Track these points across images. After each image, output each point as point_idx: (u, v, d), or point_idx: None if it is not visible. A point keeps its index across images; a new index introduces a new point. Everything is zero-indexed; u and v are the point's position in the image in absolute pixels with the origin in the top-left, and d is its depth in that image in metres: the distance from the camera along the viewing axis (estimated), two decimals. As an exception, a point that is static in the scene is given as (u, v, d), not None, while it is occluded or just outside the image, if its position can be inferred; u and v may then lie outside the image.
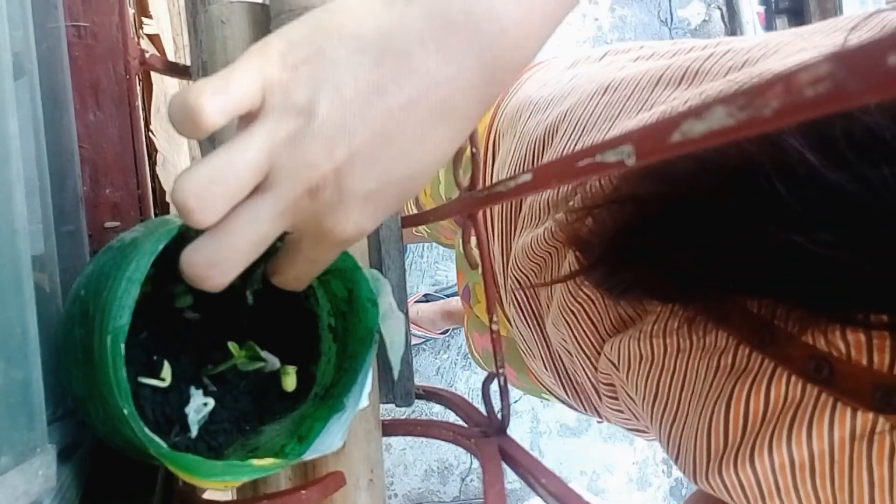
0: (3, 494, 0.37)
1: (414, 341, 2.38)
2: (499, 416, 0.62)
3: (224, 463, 0.46)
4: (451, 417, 0.71)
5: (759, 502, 0.51)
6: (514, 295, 0.85)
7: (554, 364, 0.86)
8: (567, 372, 0.85)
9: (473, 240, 0.63)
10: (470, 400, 0.72)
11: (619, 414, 0.76)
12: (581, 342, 0.72)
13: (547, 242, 0.73)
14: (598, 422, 1.27)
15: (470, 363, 2.46)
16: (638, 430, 0.81)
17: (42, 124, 0.49)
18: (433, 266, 2.49)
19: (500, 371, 0.59)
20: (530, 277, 0.81)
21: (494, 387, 0.62)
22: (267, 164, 0.40)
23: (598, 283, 0.62)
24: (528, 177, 0.41)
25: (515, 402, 2.48)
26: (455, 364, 2.48)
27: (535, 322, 0.85)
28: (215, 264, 0.40)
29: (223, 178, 0.39)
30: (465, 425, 0.67)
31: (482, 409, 0.66)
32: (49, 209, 0.49)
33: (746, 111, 0.22)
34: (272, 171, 0.40)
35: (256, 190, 0.41)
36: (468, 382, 2.47)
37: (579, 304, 0.70)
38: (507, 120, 0.92)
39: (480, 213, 0.61)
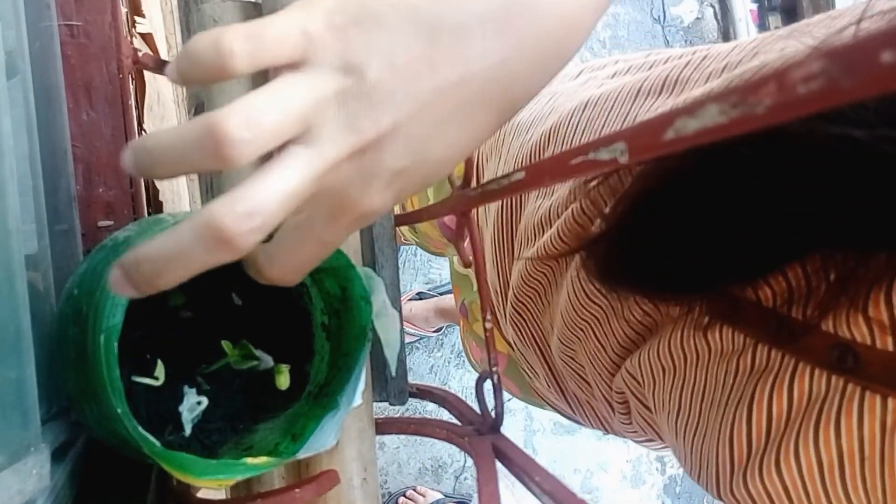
0: (-3, 494, 0.37)
1: (407, 339, 2.38)
2: (492, 414, 0.62)
3: (218, 462, 0.46)
4: (445, 416, 0.71)
5: None
6: (514, 319, 0.85)
7: (558, 384, 0.86)
8: (573, 394, 0.84)
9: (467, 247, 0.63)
10: (464, 398, 0.72)
11: (629, 427, 0.75)
12: (592, 360, 0.71)
13: (543, 259, 0.73)
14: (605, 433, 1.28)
15: (463, 362, 2.46)
16: (650, 441, 0.81)
17: (35, 123, 0.49)
18: (427, 264, 2.49)
19: (494, 369, 0.59)
20: (530, 300, 0.80)
21: (488, 385, 0.62)
22: (311, 117, 0.38)
23: (601, 280, 0.62)
24: (521, 174, 0.41)
25: (509, 400, 2.48)
26: (448, 362, 2.48)
27: (536, 345, 0.85)
28: (250, 216, 0.36)
29: (276, 113, 0.36)
30: (459, 423, 0.67)
31: (476, 407, 0.66)
32: (42, 208, 0.49)
33: (739, 108, 0.22)
34: (315, 127, 0.38)
35: (291, 144, 0.38)
36: (462, 381, 2.48)
37: (585, 322, 0.69)
38: (490, 143, 0.93)
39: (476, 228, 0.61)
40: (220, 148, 0.35)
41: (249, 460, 0.48)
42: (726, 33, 2.81)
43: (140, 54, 0.66)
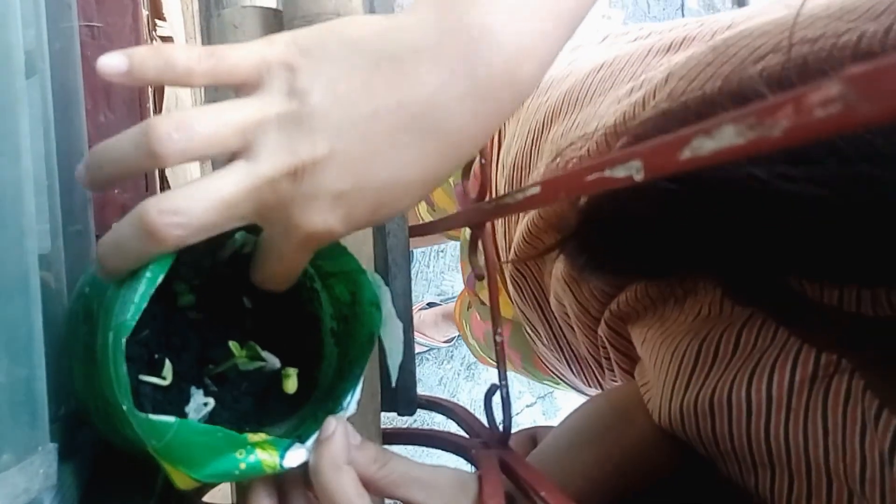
0: (4, 492, 0.37)
1: (417, 350, 2.38)
2: (500, 427, 0.61)
3: (222, 434, 0.46)
4: (453, 428, 0.71)
5: (711, 442, 0.52)
6: (515, 277, 0.87)
7: (557, 341, 0.88)
8: (570, 347, 0.86)
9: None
10: (472, 411, 0.72)
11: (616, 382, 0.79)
12: (579, 321, 0.74)
13: (536, 225, 0.75)
14: None
15: (473, 374, 2.46)
16: None
17: (52, 123, 0.50)
18: (439, 276, 2.49)
19: (503, 383, 0.59)
20: (528, 258, 0.83)
21: (497, 398, 0.61)
22: (251, 134, 0.41)
23: (573, 260, 0.64)
24: (536, 189, 0.41)
25: (517, 414, 2.47)
26: (458, 375, 2.48)
27: (536, 302, 0.87)
28: (176, 212, 0.40)
29: (209, 122, 0.40)
30: (467, 436, 0.67)
31: (484, 420, 0.66)
32: (57, 208, 0.49)
33: (756, 130, 0.22)
34: (254, 145, 0.41)
35: (236, 158, 0.42)
36: (471, 393, 2.47)
37: (568, 285, 0.73)
38: None
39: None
40: (151, 145, 0.39)
41: (251, 436, 0.48)
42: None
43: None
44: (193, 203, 0.40)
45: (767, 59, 0.46)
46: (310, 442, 0.50)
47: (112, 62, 0.39)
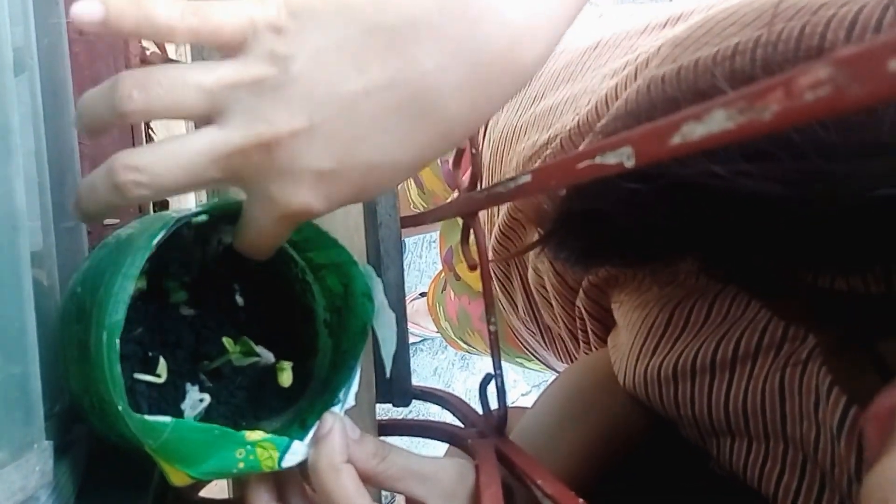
0: (0, 490, 0.37)
1: (411, 340, 2.38)
2: (495, 416, 0.62)
3: (219, 432, 0.46)
4: (448, 418, 0.71)
5: (673, 406, 0.53)
6: (497, 250, 0.88)
7: (534, 313, 0.89)
8: (544, 320, 0.88)
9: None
10: (467, 401, 0.72)
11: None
12: (556, 292, 0.76)
13: (517, 209, 0.77)
14: None
15: (467, 364, 2.46)
16: None
17: (42, 120, 0.49)
18: (432, 266, 2.49)
19: (498, 372, 0.59)
20: (513, 232, 0.84)
21: (492, 387, 0.62)
22: (223, 98, 0.39)
23: (554, 255, 0.64)
24: (527, 178, 0.41)
25: (513, 403, 2.47)
26: (453, 364, 2.48)
27: (518, 274, 0.88)
28: (138, 168, 0.39)
29: (171, 83, 0.38)
30: (462, 426, 0.67)
31: (479, 410, 0.66)
32: (49, 205, 0.49)
33: (746, 114, 0.22)
34: (227, 110, 0.39)
35: (208, 122, 0.40)
36: (465, 383, 2.47)
37: (546, 257, 0.74)
38: None
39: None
40: (114, 102, 0.38)
41: (249, 434, 0.48)
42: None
43: (148, 53, 0.67)
44: (158, 163, 0.39)
45: (756, 24, 0.46)
46: (308, 439, 0.50)
47: (88, 9, 0.37)
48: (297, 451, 0.49)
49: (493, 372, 0.60)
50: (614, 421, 0.61)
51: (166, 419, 0.44)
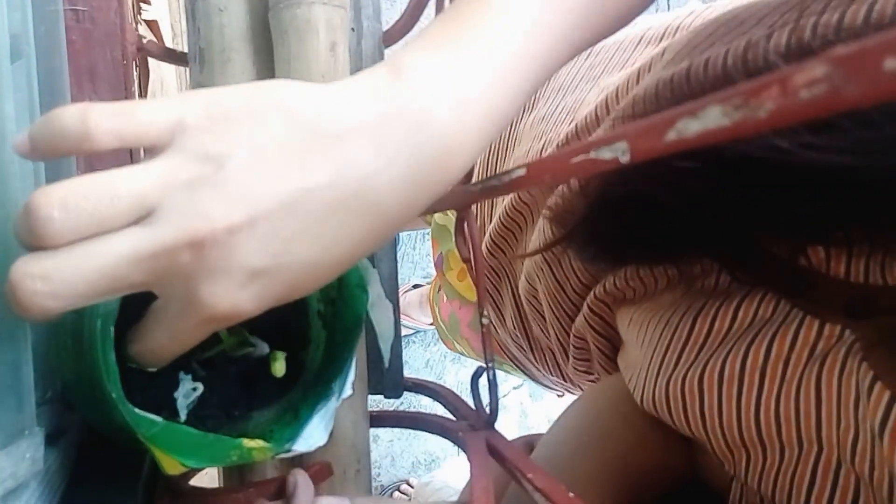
0: (-9, 476, 0.37)
1: (403, 333, 2.38)
2: (487, 410, 0.62)
3: (214, 437, 0.46)
4: (440, 410, 0.71)
5: (699, 419, 0.51)
6: (489, 261, 0.87)
7: (524, 326, 0.89)
8: (534, 334, 0.87)
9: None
10: (458, 393, 0.72)
11: (587, 376, 0.80)
12: (551, 300, 0.75)
13: (515, 208, 0.76)
14: (559, 395, 1.31)
15: (459, 357, 2.46)
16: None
17: (38, 107, 0.49)
18: (425, 258, 2.49)
19: (490, 365, 0.59)
20: (505, 241, 0.83)
21: (483, 381, 0.62)
22: (154, 200, 0.36)
23: (579, 250, 0.63)
24: (522, 172, 0.41)
25: (504, 396, 2.48)
26: (445, 357, 2.48)
27: (509, 283, 0.88)
28: (50, 280, 0.34)
29: (99, 196, 0.35)
30: (454, 418, 0.67)
31: (471, 402, 0.66)
32: (43, 192, 0.49)
33: (741, 111, 0.22)
34: (158, 210, 0.36)
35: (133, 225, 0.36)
36: (457, 376, 2.48)
37: (545, 261, 0.73)
38: None
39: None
40: (34, 227, 0.34)
41: (246, 441, 0.48)
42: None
43: (145, 41, 0.66)
44: (68, 270, 0.35)
45: (771, 19, 0.46)
46: (303, 441, 0.50)
47: (18, 144, 0.36)
48: (291, 450, 0.49)
49: (484, 365, 0.60)
50: (628, 450, 0.60)
51: (157, 418, 0.44)
